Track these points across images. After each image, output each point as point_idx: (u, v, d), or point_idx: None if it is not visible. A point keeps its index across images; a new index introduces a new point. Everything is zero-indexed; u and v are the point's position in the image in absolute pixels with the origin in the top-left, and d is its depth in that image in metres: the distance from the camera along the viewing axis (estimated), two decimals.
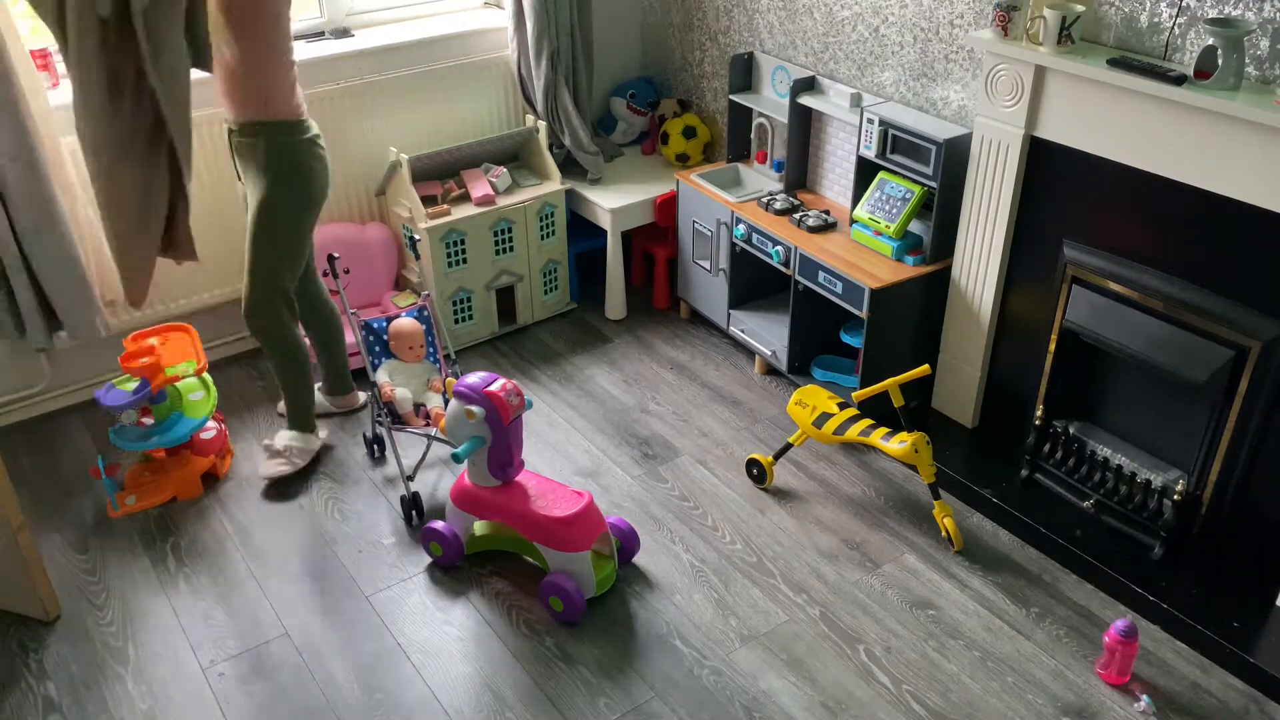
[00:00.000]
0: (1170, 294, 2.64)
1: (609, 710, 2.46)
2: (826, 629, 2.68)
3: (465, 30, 3.85)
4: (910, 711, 2.46)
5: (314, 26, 3.73)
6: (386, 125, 3.75)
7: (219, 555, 2.92)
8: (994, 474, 3.10)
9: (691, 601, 2.76)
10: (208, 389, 3.16)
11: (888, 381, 2.93)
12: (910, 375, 2.94)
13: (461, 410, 2.64)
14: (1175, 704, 2.47)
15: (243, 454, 3.31)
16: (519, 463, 2.77)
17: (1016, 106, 2.81)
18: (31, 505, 3.09)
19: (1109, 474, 2.91)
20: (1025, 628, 2.68)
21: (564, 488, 2.75)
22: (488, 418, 2.62)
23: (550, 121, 3.91)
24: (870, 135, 3.25)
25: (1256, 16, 2.40)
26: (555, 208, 3.85)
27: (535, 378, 3.69)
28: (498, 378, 2.69)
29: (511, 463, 2.73)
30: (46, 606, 2.68)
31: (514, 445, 2.72)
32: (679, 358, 3.81)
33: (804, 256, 3.32)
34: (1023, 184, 2.92)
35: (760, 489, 3.14)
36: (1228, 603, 2.65)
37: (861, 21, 3.41)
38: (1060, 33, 2.65)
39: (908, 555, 2.91)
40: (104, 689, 2.52)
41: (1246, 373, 2.54)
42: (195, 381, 3.15)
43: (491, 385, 2.65)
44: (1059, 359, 2.97)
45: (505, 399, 2.64)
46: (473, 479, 2.77)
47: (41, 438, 3.40)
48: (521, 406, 2.70)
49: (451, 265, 3.66)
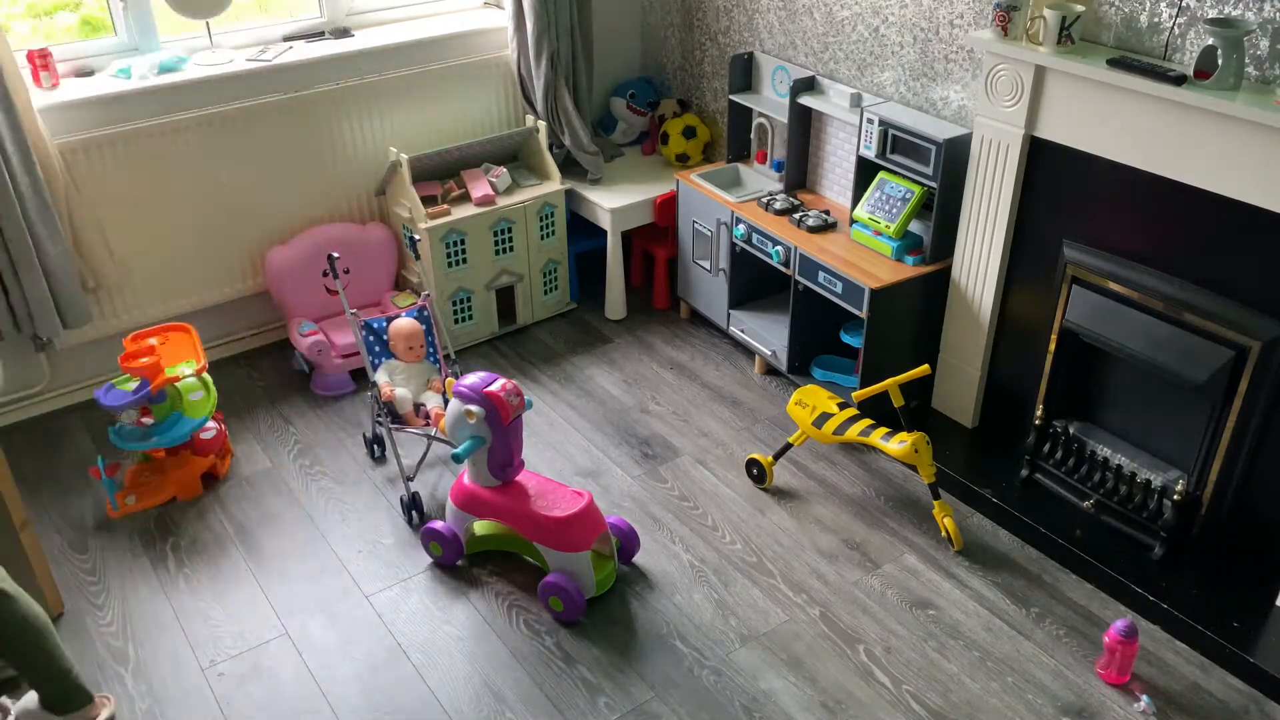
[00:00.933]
0: (1170, 294, 2.64)
1: (609, 710, 2.46)
2: (826, 629, 2.68)
3: (465, 30, 3.85)
4: (910, 711, 2.46)
5: (314, 26, 3.73)
6: (386, 125, 3.75)
7: (219, 555, 2.92)
8: (994, 474, 3.10)
9: (691, 601, 2.76)
10: (207, 389, 3.14)
11: (887, 381, 2.93)
12: (910, 375, 2.95)
13: (461, 410, 2.64)
14: (1175, 704, 2.47)
15: (242, 454, 3.31)
16: (519, 463, 2.76)
17: (1016, 106, 2.81)
18: (31, 505, 3.09)
19: (1109, 474, 2.91)
20: (1025, 628, 2.68)
21: (564, 488, 2.75)
22: (488, 418, 2.62)
23: (550, 121, 3.91)
24: (870, 135, 3.25)
25: (1256, 16, 2.40)
26: (555, 208, 3.85)
27: (535, 378, 3.69)
28: (497, 378, 2.68)
29: (511, 463, 2.73)
30: (50, 604, 2.68)
31: (514, 445, 2.71)
32: (679, 358, 3.81)
33: (804, 256, 3.32)
34: (1023, 184, 2.92)
35: (760, 489, 3.14)
36: (1228, 603, 2.64)
37: (861, 21, 3.41)
38: (1060, 33, 2.65)
39: (908, 555, 2.91)
40: (104, 689, 2.52)
41: (1246, 373, 2.54)
42: (195, 381, 3.14)
43: (491, 385, 2.64)
44: (1059, 359, 2.97)
45: (505, 399, 2.63)
46: (472, 479, 2.77)
47: (41, 438, 3.39)
48: (521, 406, 2.69)
49: (451, 265, 3.66)
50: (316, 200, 3.70)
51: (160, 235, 3.44)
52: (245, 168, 3.51)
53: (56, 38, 3.42)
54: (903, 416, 2.90)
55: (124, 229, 3.36)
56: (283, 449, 3.34)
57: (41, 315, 3.18)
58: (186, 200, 3.44)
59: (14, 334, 3.23)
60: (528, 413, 3.47)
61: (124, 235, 3.37)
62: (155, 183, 3.37)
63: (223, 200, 3.51)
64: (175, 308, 3.57)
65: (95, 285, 3.34)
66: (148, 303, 3.50)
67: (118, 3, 3.35)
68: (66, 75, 3.29)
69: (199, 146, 3.40)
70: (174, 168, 3.38)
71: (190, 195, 3.44)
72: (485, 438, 2.65)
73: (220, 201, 3.51)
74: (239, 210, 3.56)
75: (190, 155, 3.40)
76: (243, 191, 3.54)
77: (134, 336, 3.14)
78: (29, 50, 3.14)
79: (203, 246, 3.54)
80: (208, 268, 3.57)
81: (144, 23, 3.41)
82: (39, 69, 3.15)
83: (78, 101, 3.19)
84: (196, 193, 3.45)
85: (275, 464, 3.27)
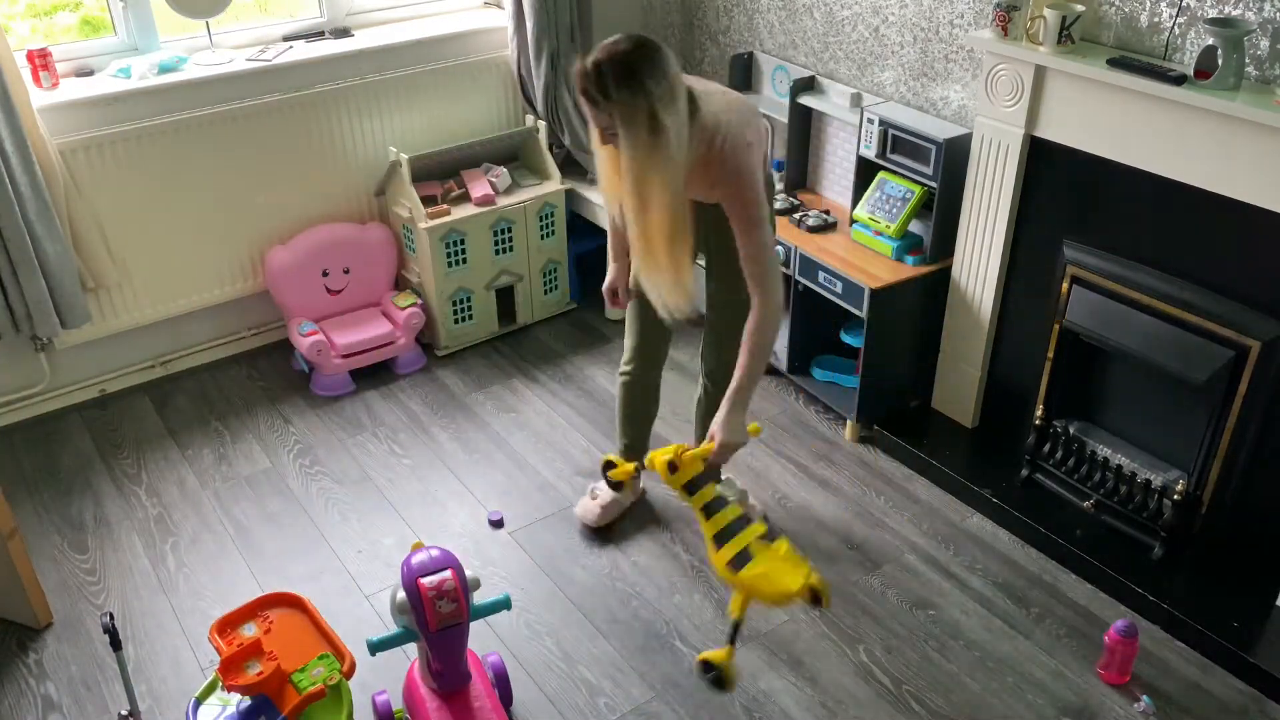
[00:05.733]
0: (1170, 294, 2.64)
1: (609, 710, 2.46)
2: (826, 629, 2.68)
3: (465, 30, 3.85)
4: (910, 711, 2.46)
5: (314, 26, 3.73)
6: (386, 125, 3.75)
7: (219, 555, 2.92)
8: (994, 474, 3.10)
9: (691, 601, 2.76)
10: (341, 698, 2.12)
11: (677, 446, 2.29)
12: (701, 450, 2.31)
13: (396, 590, 2.19)
14: (1175, 704, 2.47)
15: (242, 454, 3.31)
16: (464, 675, 2.25)
17: (1016, 106, 2.81)
18: (31, 506, 3.09)
19: (1109, 474, 2.91)
20: (1025, 628, 2.68)
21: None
22: (413, 612, 2.13)
23: (550, 121, 3.91)
24: (870, 135, 3.25)
25: (1256, 16, 2.40)
26: (555, 207, 3.85)
27: (535, 378, 3.69)
28: (448, 565, 2.15)
29: (445, 674, 2.22)
30: (38, 614, 2.67)
31: (447, 657, 2.20)
32: (679, 358, 3.81)
33: (804, 256, 3.32)
34: (1023, 184, 2.92)
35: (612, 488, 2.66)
36: (1228, 603, 2.64)
37: (861, 21, 3.41)
38: (1060, 33, 2.65)
39: (908, 555, 2.91)
40: (104, 689, 2.52)
41: (1246, 373, 2.54)
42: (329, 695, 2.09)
43: (430, 575, 2.11)
44: (1059, 359, 2.97)
45: (431, 601, 2.09)
46: (419, 671, 2.32)
47: (41, 438, 3.40)
48: (457, 618, 2.13)
49: (451, 265, 3.66)
50: (316, 200, 3.70)
51: (160, 235, 3.44)
52: (245, 168, 3.51)
53: (56, 37, 3.42)
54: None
55: (124, 229, 3.36)
56: (283, 449, 3.34)
57: (41, 315, 3.18)
58: (186, 200, 3.44)
59: (13, 334, 3.23)
60: (527, 414, 3.48)
61: (124, 235, 3.37)
62: (155, 183, 3.37)
63: (223, 200, 3.51)
64: (175, 308, 3.57)
65: (95, 285, 3.34)
66: (147, 303, 3.50)
67: (118, 3, 3.35)
68: (66, 75, 3.29)
69: (199, 146, 3.40)
70: (173, 168, 3.38)
71: (190, 195, 3.44)
72: (416, 634, 2.18)
73: (220, 201, 3.51)
74: (239, 210, 3.56)
75: (190, 155, 3.40)
76: (243, 191, 3.54)
77: (219, 625, 2.15)
78: (29, 50, 3.14)
79: (203, 246, 3.54)
80: (208, 268, 3.57)
81: (144, 22, 3.41)
82: (39, 69, 3.15)
83: (77, 101, 3.19)
84: (196, 193, 3.45)
85: (275, 464, 3.27)
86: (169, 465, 3.26)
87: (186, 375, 3.69)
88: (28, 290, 3.13)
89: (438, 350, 3.79)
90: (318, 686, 2.03)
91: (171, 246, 3.47)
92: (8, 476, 3.19)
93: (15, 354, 3.36)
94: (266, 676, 2.02)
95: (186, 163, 3.40)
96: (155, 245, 3.44)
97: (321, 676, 2.05)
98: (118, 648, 2.03)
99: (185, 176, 3.41)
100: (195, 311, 3.62)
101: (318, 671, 2.06)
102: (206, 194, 3.47)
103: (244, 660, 2.04)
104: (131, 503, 3.11)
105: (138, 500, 3.12)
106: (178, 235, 3.47)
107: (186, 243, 3.50)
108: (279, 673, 2.04)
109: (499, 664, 2.43)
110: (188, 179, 3.42)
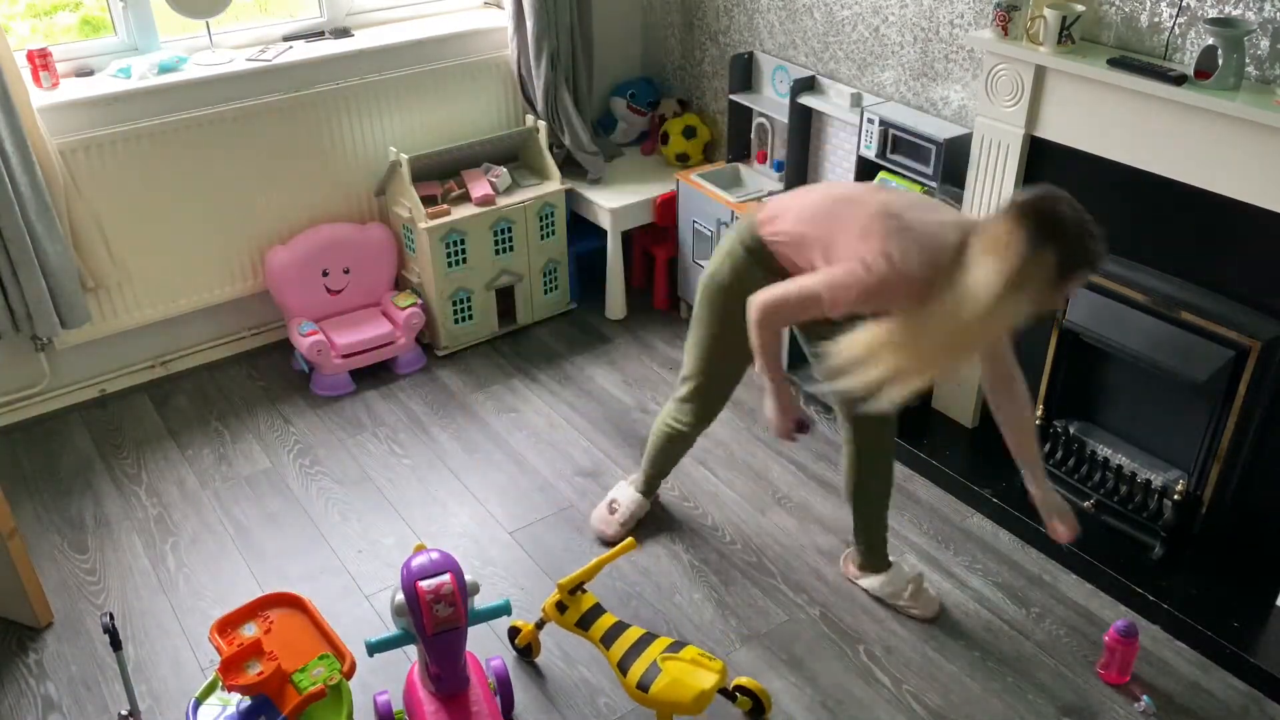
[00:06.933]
0: (1170, 294, 2.64)
1: (609, 710, 2.46)
2: (826, 629, 2.68)
3: (465, 30, 3.85)
4: (910, 711, 2.46)
5: (314, 26, 3.73)
6: (386, 125, 3.75)
7: (219, 555, 2.92)
8: (994, 474, 3.10)
9: (691, 601, 2.76)
10: (340, 698, 2.12)
11: (594, 562, 2.41)
12: (616, 552, 2.43)
13: (395, 591, 2.19)
14: (1175, 704, 2.47)
15: (242, 454, 3.31)
16: (462, 679, 2.23)
17: (1016, 106, 2.81)
18: (31, 506, 3.10)
19: (1109, 474, 2.91)
20: (1025, 628, 2.68)
21: None
22: (411, 614, 2.13)
23: (550, 121, 3.91)
24: (870, 135, 3.25)
25: (1256, 16, 2.40)
26: (555, 208, 3.85)
27: (535, 378, 3.69)
28: (447, 569, 2.13)
29: (443, 677, 2.19)
30: (38, 614, 2.66)
31: (444, 661, 2.17)
32: (679, 358, 3.80)
33: None
34: (1023, 184, 2.91)
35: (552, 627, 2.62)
36: (1228, 603, 2.64)
37: (861, 21, 3.41)
38: (1060, 32, 2.65)
39: (908, 555, 2.91)
40: (104, 689, 2.52)
41: (1246, 373, 2.54)
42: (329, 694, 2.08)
43: (429, 578, 2.10)
44: (1059, 359, 2.97)
45: (429, 604, 2.08)
46: (419, 674, 2.29)
47: (41, 438, 3.40)
48: (454, 621, 2.11)
49: (451, 265, 3.66)
50: (316, 200, 3.70)
51: (160, 235, 3.44)
52: (245, 168, 3.51)
53: (56, 37, 3.42)
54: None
55: (124, 229, 3.36)
56: (283, 449, 3.34)
57: (40, 315, 3.18)
58: (186, 200, 3.44)
59: (13, 334, 3.23)
60: (527, 414, 3.48)
61: (124, 235, 3.37)
62: (155, 182, 3.37)
63: (223, 200, 3.51)
64: (175, 308, 3.57)
65: (94, 285, 3.34)
66: (147, 303, 3.50)
67: (118, 3, 3.35)
68: (66, 75, 3.29)
69: (199, 146, 3.40)
70: (173, 168, 3.38)
71: (190, 195, 3.44)
72: (415, 636, 2.18)
73: (220, 201, 3.51)
74: (239, 210, 3.55)
75: (190, 155, 3.40)
76: (243, 191, 3.54)
77: (219, 624, 2.15)
78: (29, 50, 3.14)
79: (203, 246, 3.54)
80: (208, 268, 3.57)
81: (144, 22, 3.41)
82: (39, 69, 3.15)
83: (77, 101, 3.19)
84: (196, 193, 3.45)
85: (275, 464, 3.27)
86: (169, 465, 3.26)
87: (186, 375, 3.69)
88: (28, 290, 3.13)
89: (438, 350, 3.80)
90: (318, 686, 2.03)
91: (171, 246, 3.47)
92: (8, 476, 3.19)
93: (15, 354, 3.36)
94: (267, 676, 2.01)
95: (186, 163, 3.40)
96: (155, 245, 3.44)
97: (322, 676, 2.05)
98: (118, 648, 2.05)
99: (185, 176, 3.41)
100: (195, 311, 3.62)
101: (318, 671, 2.06)
102: (206, 194, 3.47)
103: (244, 660, 2.04)
104: (131, 503, 3.11)
105: (138, 500, 3.12)
106: (178, 235, 3.47)
107: (186, 243, 3.50)
108: (279, 673, 2.04)
109: (501, 668, 2.42)
110: (188, 179, 3.42)
